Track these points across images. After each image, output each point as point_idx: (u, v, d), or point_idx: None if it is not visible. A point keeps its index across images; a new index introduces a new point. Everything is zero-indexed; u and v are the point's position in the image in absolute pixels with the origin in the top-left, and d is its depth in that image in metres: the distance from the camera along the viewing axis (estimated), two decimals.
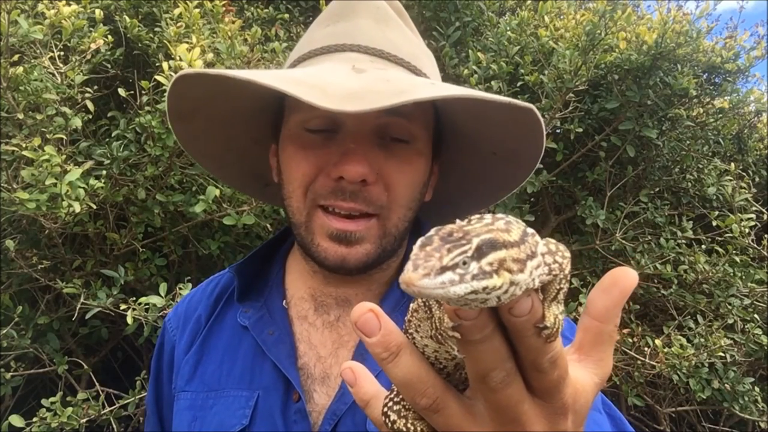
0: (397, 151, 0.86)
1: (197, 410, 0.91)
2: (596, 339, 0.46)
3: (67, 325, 2.30)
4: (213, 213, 2.06)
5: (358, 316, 0.45)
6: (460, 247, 0.35)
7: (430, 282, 0.34)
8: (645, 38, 2.24)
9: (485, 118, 0.84)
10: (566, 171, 2.61)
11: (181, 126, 0.94)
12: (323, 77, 0.79)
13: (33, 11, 2.00)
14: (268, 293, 0.98)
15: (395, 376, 0.45)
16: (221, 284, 1.03)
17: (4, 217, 1.91)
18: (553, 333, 0.40)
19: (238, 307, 0.97)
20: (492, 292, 0.35)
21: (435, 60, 1.01)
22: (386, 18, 0.92)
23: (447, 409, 0.46)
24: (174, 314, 1.05)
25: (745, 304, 2.51)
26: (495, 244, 0.35)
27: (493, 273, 0.35)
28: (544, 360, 0.42)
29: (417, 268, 0.34)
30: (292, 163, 0.87)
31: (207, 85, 0.84)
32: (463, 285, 0.34)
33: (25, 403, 2.28)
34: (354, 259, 0.85)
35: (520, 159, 0.90)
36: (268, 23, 2.67)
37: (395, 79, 0.80)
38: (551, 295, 0.41)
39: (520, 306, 0.39)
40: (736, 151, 2.96)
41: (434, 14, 2.52)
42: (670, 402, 2.75)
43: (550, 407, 0.45)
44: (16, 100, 1.85)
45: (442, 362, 0.47)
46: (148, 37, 2.20)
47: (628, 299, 0.46)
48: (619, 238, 2.47)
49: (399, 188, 0.86)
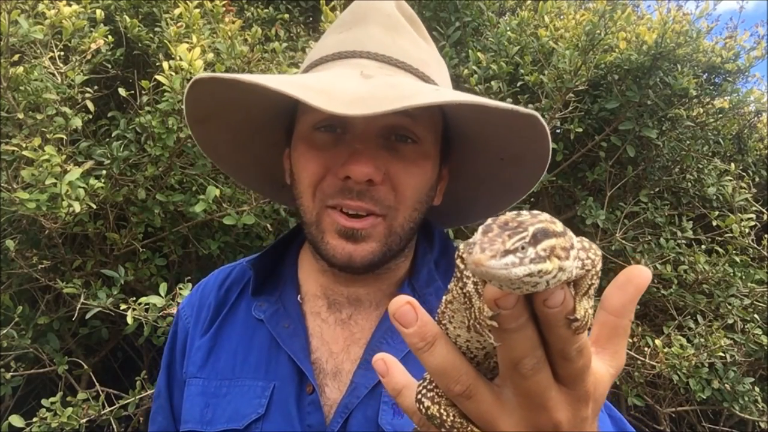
0: (403, 152, 0.88)
1: (210, 397, 0.93)
2: (612, 333, 0.49)
3: (67, 325, 2.29)
4: (213, 213, 2.06)
5: (396, 308, 0.48)
6: (518, 233, 0.38)
7: (497, 263, 0.37)
8: (645, 38, 2.24)
9: (490, 124, 0.86)
10: (566, 171, 2.61)
11: (199, 129, 0.97)
12: (332, 82, 0.82)
13: (33, 11, 2.00)
14: (283, 288, 1.00)
15: (430, 365, 0.48)
16: (233, 276, 1.06)
17: (4, 217, 1.91)
18: (582, 326, 0.43)
19: (251, 300, 0.99)
20: (544, 276, 0.39)
21: (446, 67, 1.03)
22: (397, 26, 0.94)
23: (478, 395, 0.49)
24: (188, 302, 1.07)
25: (745, 304, 2.51)
26: (547, 233, 0.39)
27: (546, 258, 0.39)
28: (571, 349, 0.45)
29: (484, 250, 0.38)
30: (302, 162, 0.90)
31: (220, 90, 0.86)
32: (522, 267, 0.38)
33: (25, 403, 2.28)
34: (360, 256, 0.87)
35: (527, 164, 0.92)
36: (268, 23, 2.68)
37: (401, 85, 0.82)
38: (583, 290, 0.44)
39: (555, 298, 0.42)
40: (736, 151, 2.96)
41: (434, 14, 2.52)
42: (670, 402, 2.75)
43: (575, 394, 0.48)
44: (16, 100, 1.85)
45: (473, 351, 0.50)
46: (148, 37, 2.20)
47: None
48: (619, 238, 2.47)
49: (405, 188, 0.88)
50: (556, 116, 2.27)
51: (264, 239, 2.34)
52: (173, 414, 1.03)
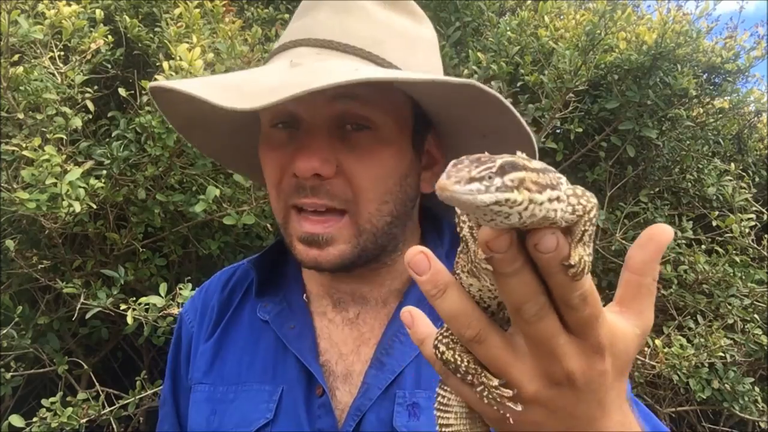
0: (357, 140, 0.82)
1: (216, 403, 0.90)
2: (636, 292, 0.50)
3: (67, 325, 2.29)
4: (213, 213, 2.06)
5: (411, 257, 0.49)
6: (486, 164, 0.40)
7: (461, 188, 0.39)
8: (645, 38, 2.24)
9: (452, 103, 0.83)
10: (566, 171, 2.61)
11: (188, 134, 0.96)
12: (253, 77, 0.79)
13: (33, 11, 2.00)
14: (287, 287, 0.97)
15: (443, 310, 0.49)
16: (236, 277, 1.03)
17: (4, 217, 1.90)
18: (578, 272, 0.44)
19: (255, 301, 0.96)
20: (514, 207, 0.40)
21: (428, 42, 0.93)
22: (348, 6, 0.85)
23: (489, 340, 0.49)
24: (191, 306, 1.04)
25: (745, 304, 2.51)
26: (516, 166, 0.41)
27: (514, 188, 0.40)
28: (573, 296, 0.45)
29: (450, 177, 0.40)
30: (264, 163, 0.87)
31: (181, 96, 0.82)
32: (488, 195, 0.39)
33: (25, 403, 2.27)
34: (326, 261, 0.83)
35: (510, 140, 0.85)
36: (268, 23, 2.67)
37: (324, 69, 0.77)
38: (577, 236, 0.44)
39: (546, 242, 0.42)
40: (736, 151, 2.96)
41: (434, 14, 2.52)
42: (670, 402, 2.75)
43: (586, 344, 0.47)
44: (16, 100, 1.85)
45: (486, 301, 0.52)
46: (148, 37, 2.20)
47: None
48: (619, 238, 2.47)
49: (362, 180, 0.82)
50: (556, 116, 2.27)
51: (264, 239, 2.34)
52: (180, 422, 1.01)
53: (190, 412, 0.93)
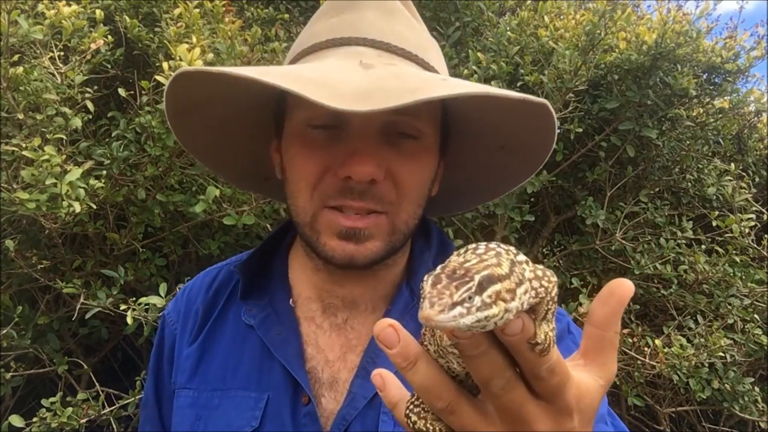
0: (405, 147, 0.83)
1: (200, 409, 0.89)
2: (598, 345, 0.51)
3: (67, 325, 2.29)
4: (213, 213, 2.06)
5: (380, 330, 0.49)
6: (465, 284, 0.41)
7: (445, 317, 0.40)
8: (645, 38, 2.24)
9: (495, 113, 0.83)
10: (566, 171, 2.61)
11: (179, 122, 0.92)
12: (331, 74, 0.77)
13: (33, 11, 2.00)
14: (273, 291, 0.95)
15: (414, 382, 0.50)
16: (219, 278, 1.01)
17: (4, 217, 1.90)
18: (545, 348, 0.45)
19: (240, 304, 0.95)
20: (491, 320, 0.42)
21: (439, 49, 0.98)
22: (393, 9, 0.88)
23: (461, 410, 0.50)
24: (173, 308, 1.02)
25: (745, 304, 2.51)
26: (492, 279, 0.42)
27: (492, 304, 0.41)
28: (541, 370, 0.46)
29: (433, 305, 0.41)
30: (297, 162, 0.85)
31: (207, 83, 0.82)
32: (470, 316, 0.41)
33: (25, 403, 2.27)
34: (362, 256, 0.84)
35: (528, 154, 0.90)
36: (268, 23, 2.67)
37: (405, 76, 0.78)
38: (541, 315, 0.46)
39: (512, 327, 0.44)
40: (736, 151, 2.96)
41: (434, 14, 2.52)
42: (670, 402, 2.75)
43: (555, 408, 0.49)
44: (16, 100, 1.85)
45: (454, 370, 0.52)
46: (148, 37, 2.20)
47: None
48: (619, 238, 2.47)
49: (408, 185, 0.84)
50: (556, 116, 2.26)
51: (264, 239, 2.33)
52: (163, 424, 0.99)
53: (174, 417, 0.92)
